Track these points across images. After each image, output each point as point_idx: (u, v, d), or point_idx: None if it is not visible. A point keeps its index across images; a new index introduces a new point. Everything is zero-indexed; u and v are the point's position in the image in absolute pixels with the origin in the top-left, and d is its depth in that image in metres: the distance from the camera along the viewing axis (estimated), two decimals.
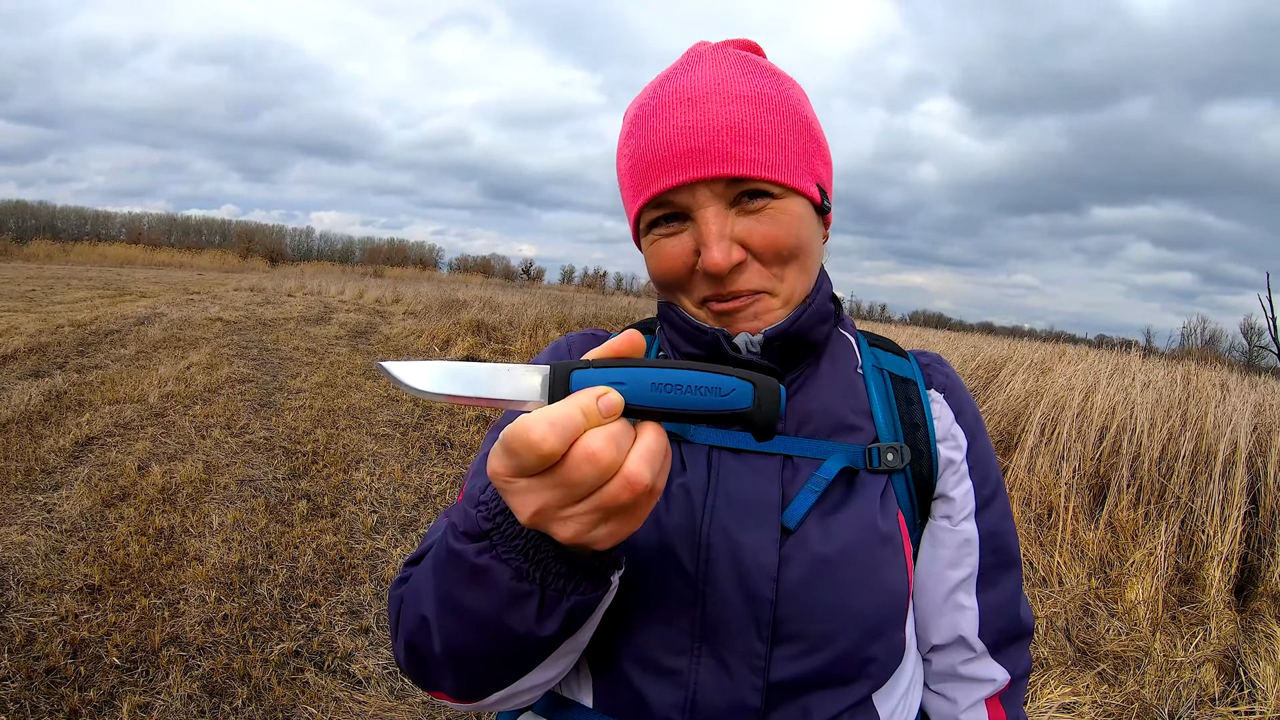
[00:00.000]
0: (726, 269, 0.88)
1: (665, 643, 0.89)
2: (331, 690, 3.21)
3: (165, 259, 75.52)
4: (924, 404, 1.04)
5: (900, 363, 1.08)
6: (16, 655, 3.16)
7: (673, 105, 0.89)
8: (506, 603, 0.72)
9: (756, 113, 0.88)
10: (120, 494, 5.06)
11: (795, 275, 0.94)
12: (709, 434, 0.96)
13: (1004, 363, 7.95)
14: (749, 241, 0.89)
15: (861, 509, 0.93)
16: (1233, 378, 7.34)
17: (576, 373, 0.62)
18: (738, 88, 0.89)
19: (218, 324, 14.47)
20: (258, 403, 8.05)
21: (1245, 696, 3.59)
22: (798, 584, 0.88)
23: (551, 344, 1.16)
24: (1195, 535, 4.78)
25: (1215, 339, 40.86)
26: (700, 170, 0.86)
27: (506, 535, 0.70)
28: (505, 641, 0.75)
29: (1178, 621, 4.26)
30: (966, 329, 37.99)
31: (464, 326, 14.69)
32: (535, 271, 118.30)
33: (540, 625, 0.73)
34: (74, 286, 24.30)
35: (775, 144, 0.89)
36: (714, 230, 0.87)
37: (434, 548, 0.81)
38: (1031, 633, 1.07)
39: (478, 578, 0.72)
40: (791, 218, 0.91)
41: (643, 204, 0.92)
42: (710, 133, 0.86)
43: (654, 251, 0.95)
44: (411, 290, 26.23)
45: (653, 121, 0.90)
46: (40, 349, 10.03)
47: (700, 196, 0.88)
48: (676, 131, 0.87)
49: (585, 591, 0.73)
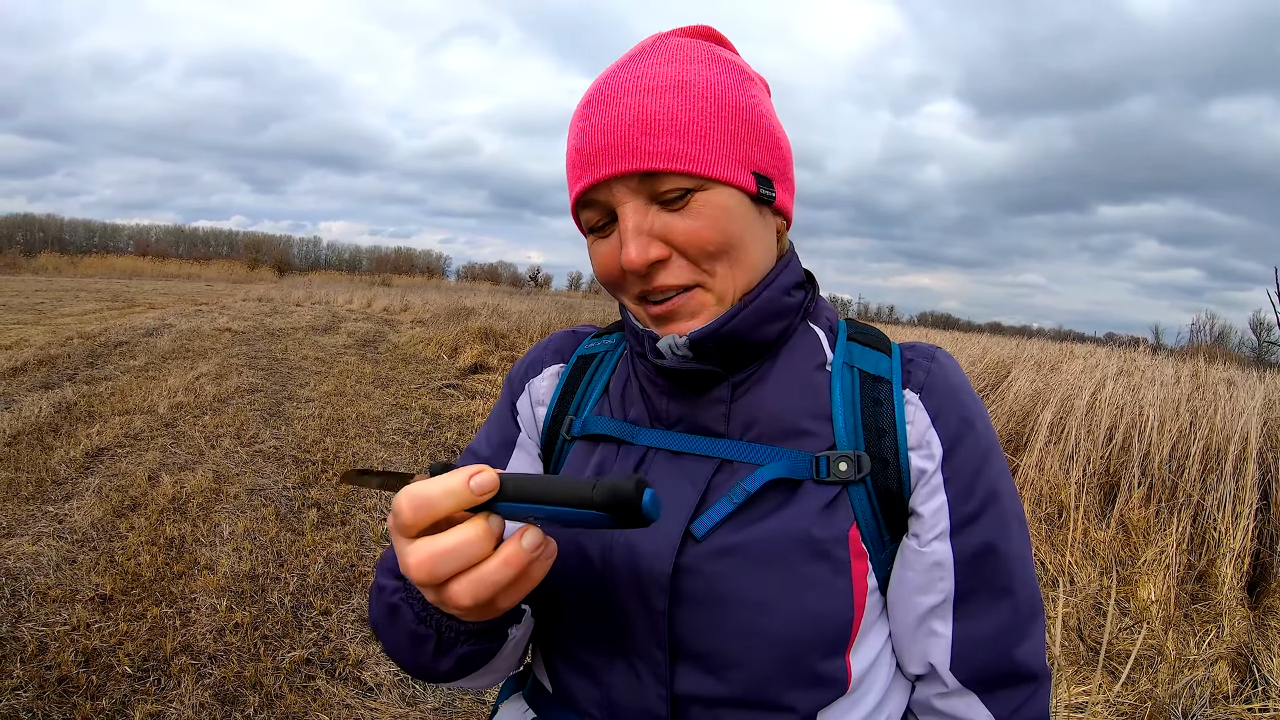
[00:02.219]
0: (642, 266, 0.83)
1: (585, 640, 0.91)
2: (343, 697, 3.21)
3: (173, 270, 75.70)
4: (896, 406, 0.91)
5: (876, 359, 0.95)
6: (29, 665, 3.17)
7: (593, 103, 0.86)
8: (410, 639, 0.82)
9: (674, 102, 0.83)
10: (131, 504, 5.08)
11: (727, 271, 0.87)
12: (652, 435, 0.94)
13: (1012, 362, 7.94)
14: (670, 237, 0.85)
15: (791, 521, 0.84)
16: (1242, 374, 7.32)
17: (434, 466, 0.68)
18: (659, 79, 0.84)
19: (226, 334, 14.52)
20: (267, 412, 8.07)
21: (1259, 694, 3.57)
22: (695, 598, 0.84)
23: (533, 347, 1.18)
24: (1207, 532, 4.76)
25: (1224, 335, 40.64)
26: (611, 166, 0.83)
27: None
28: (420, 666, 0.86)
29: (1190, 619, 4.24)
30: (975, 329, 37.98)
31: (472, 334, 14.71)
32: (542, 278, 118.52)
33: (436, 663, 0.84)
34: (82, 298, 24.40)
35: (693, 134, 0.83)
36: (629, 227, 0.84)
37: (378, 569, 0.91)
38: (1038, 677, 0.88)
39: (392, 613, 0.83)
40: (715, 210, 0.84)
41: (572, 204, 0.91)
42: (623, 126, 0.82)
43: (591, 252, 0.93)
44: (419, 298, 26.32)
45: (576, 121, 0.88)
46: (50, 361, 10.07)
47: (618, 193, 0.84)
48: (593, 129, 0.84)
49: (476, 644, 0.82)
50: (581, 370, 1.08)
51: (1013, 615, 0.87)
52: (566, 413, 1.05)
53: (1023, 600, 0.88)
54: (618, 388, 1.03)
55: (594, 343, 1.12)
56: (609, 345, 1.10)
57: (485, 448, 1.10)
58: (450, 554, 0.63)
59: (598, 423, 0.99)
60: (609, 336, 1.12)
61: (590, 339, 1.13)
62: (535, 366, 1.12)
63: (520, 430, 1.09)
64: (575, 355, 1.11)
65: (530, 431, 1.09)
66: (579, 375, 1.08)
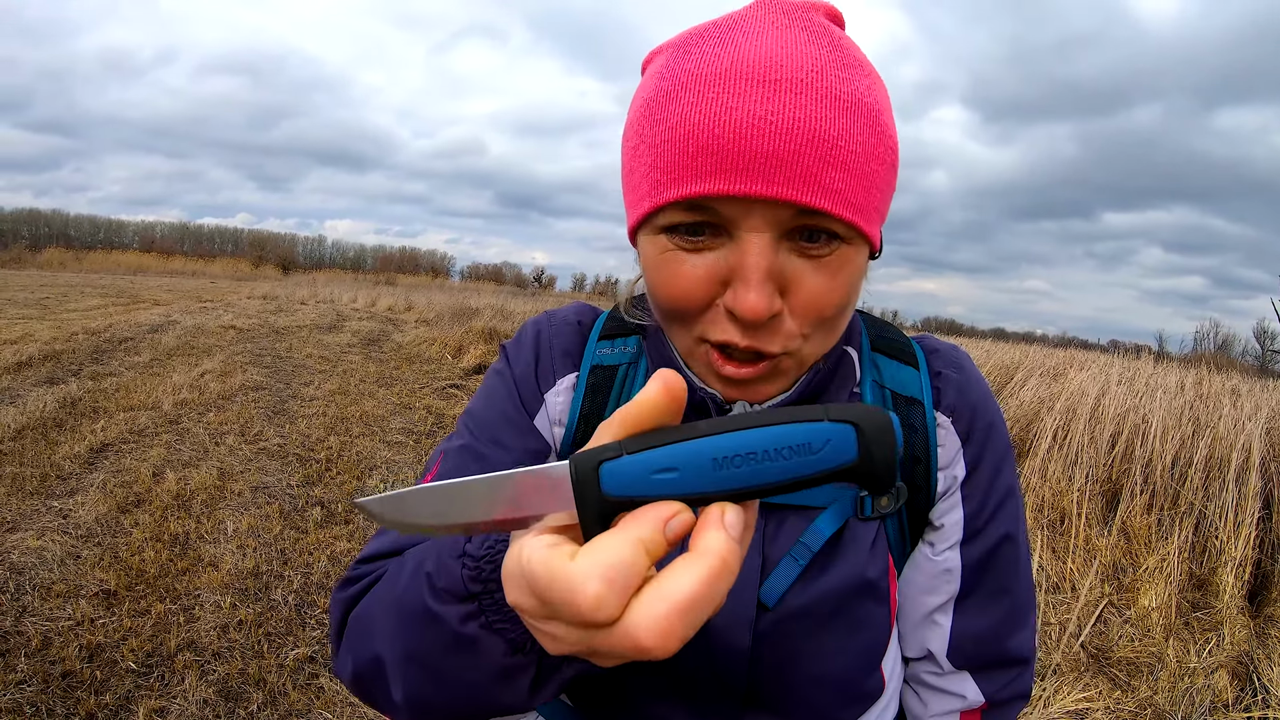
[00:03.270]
0: (765, 318, 0.67)
1: (644, 689, 0.83)
2: (346, 695, 3.22)
3: (178, 267, 75.97)
4: (929, 431, 0.86)
5: (906, 377, 0.90)
6: (33, 659, 3.19)
7: (745, 79, 0.64)
8: (496, 676, 0.61)
9: (851, 126, 0.65)
10: (135, 500, 5.09)
11: (823, 337, 0.74)
12: None
13: (1016, 368, 7.94)
14: (793, 291, 0.69)
15: (850, 570, 0.81)
16: (1246, 382, 7.31)
17: (607, 465, 0.45)
18: (834, 82, 0.65)
19: (231, 332, 14.55)
20: (271, 410, 8.08)
21: (1259, 703, 3.57)
22: (764, 659, 0.80)
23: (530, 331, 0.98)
24: (1209, 541, 4.76)
25: (1228, 343, 40.59)
26: (770, 186, 0.63)
27: (499, 602, 0.59)
28: (486, 709, 0.65)
29: (1191, 627, 4.24)
30: (979, 335, 37.85)
31: (476, 334, 14.71)
32: (546, 279, 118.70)
33: (533, 699, 0.62)
34: (88, 294, 24.44)
35: (864, 173, 0.67)
36: (759, 266, 0.66)
37: (398, 588, 0.69)
38: (1027, 660, 0.91)
39: (463, 647, 0.61)
40: (852, 271, 0.71)
41: (671, 200, 0.68)
42: (795, 138, 0.63)
43: (664, 263, 0.72)
44: (424, 298, 26.32)
45: (712, 94, 0.65)
46: (55, 356, 10.09)
47: (755, 217, 0.65)
48: (749, 121, 0.63)
49: (587, 662, 0.60)
50: (603, 388, 0.91)
51: (1010, 610, 0.90)
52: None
53: (1020, 596, 0.91)
54: None
55: (607, 349, 0.93)
56: (629, 356, 0.92)
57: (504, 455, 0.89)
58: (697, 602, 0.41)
59: None
60: (624, 341, 0.94)
61: (599, 342, 0.94)
62: (546, 375, 0.93)
63: (550, 445, 0.91)
64: (587, 363, 0.92)
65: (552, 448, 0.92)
66: (601, 394, 0.90)
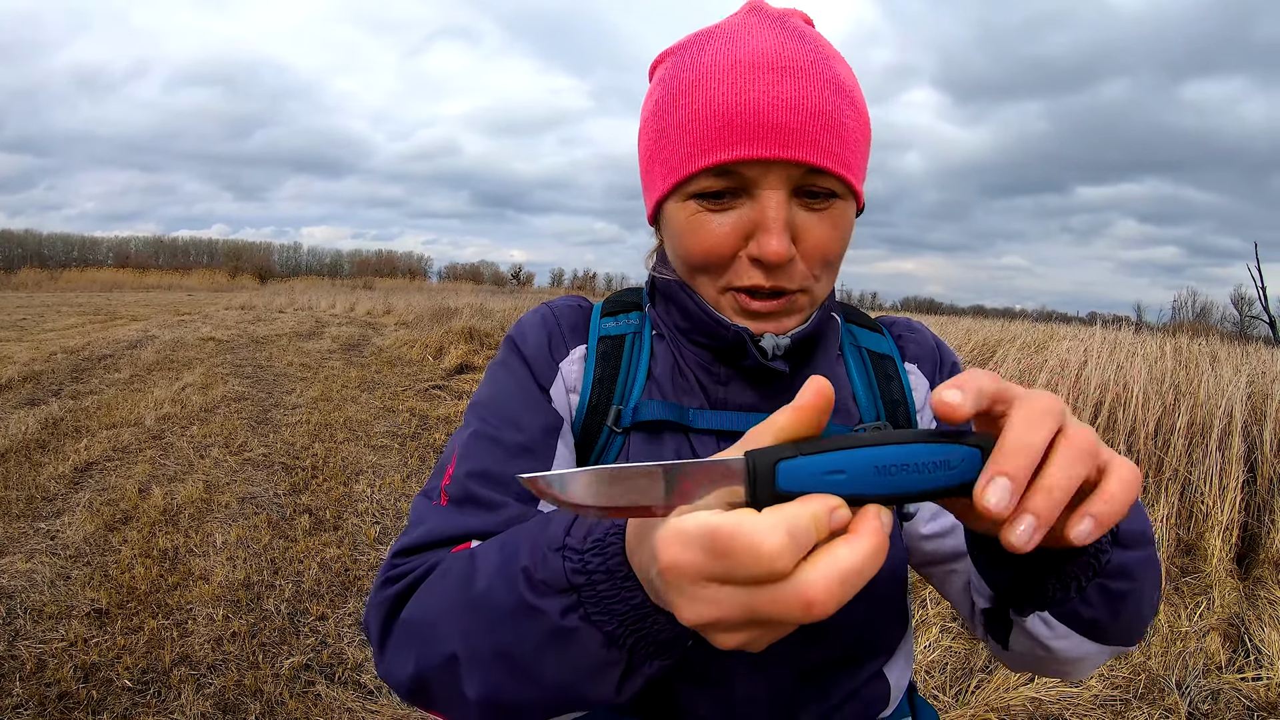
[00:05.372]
0: (785, 260, 0.82)
1: None
2: (344, 701, 3.22)
3: (154, 281, 75.19)
4: (902, 378, 1.01)
5: (876, 338, 1.06)
6: (28, 682, 3.16)
7: (761, 69, 0.81)
8: (589, 670, 0.63)
9: (843, 103, 0.83)
10: (122, 517, 5.06)
11: (827, 280, 0.90)
12: (712, 417, 0.93)
13: (997, 344, 7.99)
14: (803, 238, 0.84)
15: None
16: (1225, 348, 7.38)
17: (784, 464, 0.49)
18: (828, 70, 0.83)
19: (210, 343, 14.45)
20: (255, 420, 8.04)
21: (1252, 663, 3.62)
22: None
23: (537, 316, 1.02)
24: (1195, 506, 4.81)
25: (1206, 311, 41.05)
26: (788, 149, 0.79)
27: (602, 595, 0.61)
28: (569, 704, 0.67)
29: (1181, 592, 4.29)
30: (959, 313, 38.10)
31: (456, 334, 14.69)
32: (525, 276, 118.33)
33: (620, 693, 0.64)
34: (64, 313, 24.21)
35: (852, 140, 0.84)
36: (777, 217, 0.81)
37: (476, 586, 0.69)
38: None
39: (560, 639, 0.63)
40: (846, 223, 0.87)
41: (704, 168, 0.83)
42: (804, 112, 0.79)
43: (696, 224, 0.86)
44: (403, 300, 26.27)
45: (735, 81, 0.81)
46: (34, 377, 10.00)
47: (773, 177, 0.81)
48: (770, 101, 0.79)
49: (671, 656, 0.64)
50: (614, 355, 0.98)
51: None
52: (609, 403, 0.95)
53: None
54: (666, 375, 0.97)
55: (611, 323, 1.02)
56: (634, 326, 1.02)
57: (517, 434, 0.91)
58: (860, 573, 0.45)
59: (653, 408, 0.93)
60: (627, 316, 1.03)
61: (603, 318, 1.03)
62: (559, 346, 0.99)
63: (564, 417, 0.95)
64: (594, 335, 1.00)
65: (566, 419, 0.96)
66: (612, 360, 0.98)
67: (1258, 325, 26.75)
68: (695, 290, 0.93)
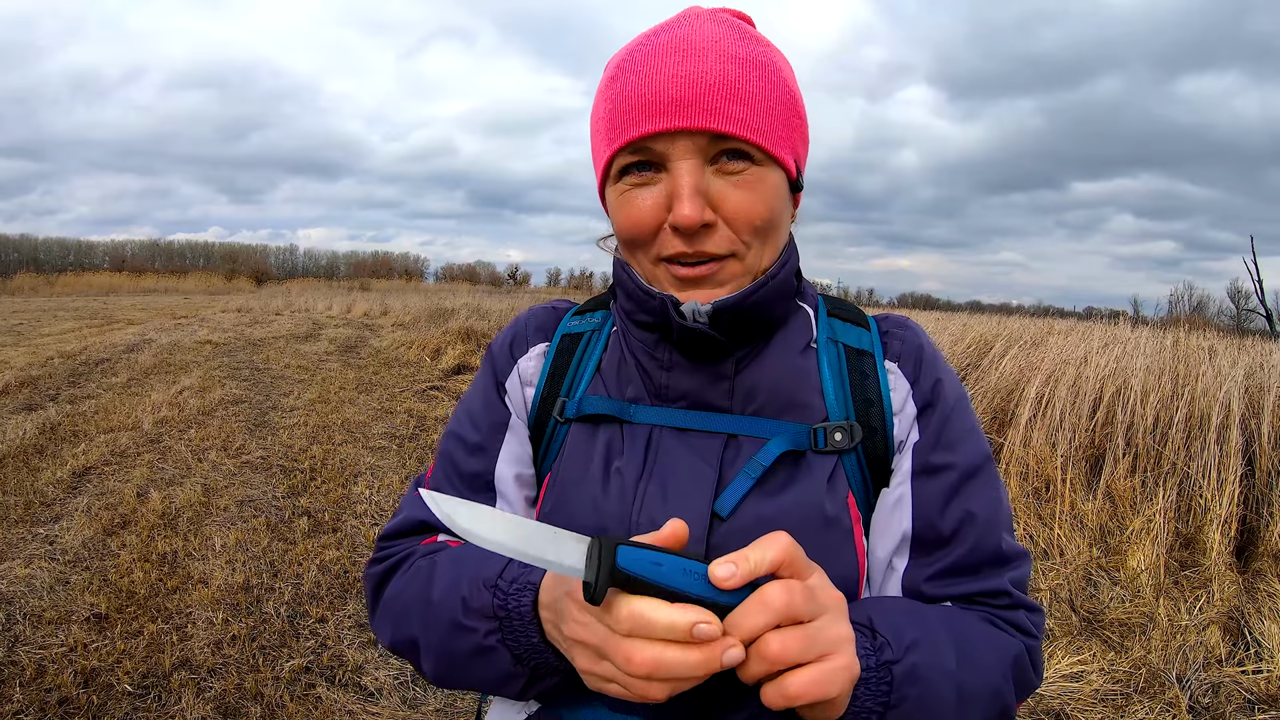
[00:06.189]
0: (697, 224, 0.85)
1: None
2: (344, 703, 3.22)
3: (150, 284, 75.01)
4: (880, 377, 0.98)
5: (858, 333, 1.02)
6: (28, 688, 3.16)
7: (665, 53, 0.86)
8: (501, 677, 0.85)
9: (748, 75, 0.86)
10: (121, 522, 5.06)
11: (760, 247, 0.90)
12: (653, 412, 0.94)
13: (994, 340, 7.98)
14: (722, 204, 0.87)
15: (805, 493, 0.89)
16: (1222, 342, 7.38)
17: (623, 548, 0.65)
18: (732, 48, 0.86)
19: (207, 346, 14.43)
20: (252, 423, 8.04)
21: (1251, 656, 3.62)
22: None
23: (512, 321, 1.14)
24: (1193, 500, 4.82)
25: (1203, 305, 40.93)
26: (686, 120, 0.83)
27: (515, 629, 0.81)
28: (494, 692, 0.90)
29: (1180, 586, 4.29)
30: (955, 309, 38.11)
31: (453, 335, 14.69)
32: (521, 276, 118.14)
33: (524, 695, 0.87)
34: (61, 318, 24.18)
35: (763, 109, 0.86)
36: (688, 184, 0.84)
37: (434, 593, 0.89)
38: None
39: (481, 654, 0.84)
40: (768, 187, 0.88)
41: (618, 148, 0.88)
42: (701, 85, 0.83)
43: (623, 201, 0.91)
44: (399, 302, 26.24)
45: (642, 67, 0.87)
46: (31, 382, 9.99)
47: (680, 147, 0.85)
48: (667, 79, 0.84)
49: (561, 675, 0.84)
50: (569, 349, 1.06)
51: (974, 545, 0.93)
52: (557, 394, 1.03)
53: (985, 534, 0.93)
54: (612, 366, 1.01)
55: (577, 320, 1.09)
56: (595, 324, 1.08)
57: (474, 433, 1.05)
58: (673, 667, 0.64)
59: (594, 402, 0.98)
60: (593, 315, 1.09)
61: (571, 316, 1.10)
62: (520, 344, 1.08)
63: (511, 412, 1.05)
64: (559, 333, 1.08)
65: (519, 413, 1.06)
66: (567, 354, 1.05)
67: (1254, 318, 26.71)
68: (635, 266, 0.96)
